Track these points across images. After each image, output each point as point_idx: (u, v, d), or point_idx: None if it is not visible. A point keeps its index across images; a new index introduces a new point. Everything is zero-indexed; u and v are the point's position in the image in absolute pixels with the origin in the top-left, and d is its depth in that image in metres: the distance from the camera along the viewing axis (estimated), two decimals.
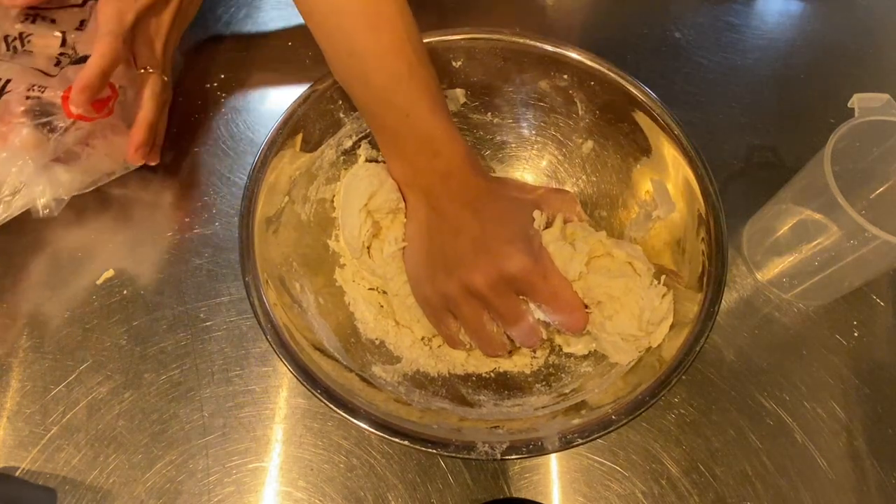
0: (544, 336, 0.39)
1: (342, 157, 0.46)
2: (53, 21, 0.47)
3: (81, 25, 0.47)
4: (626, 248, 0.39)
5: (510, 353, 0.42)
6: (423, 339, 0.43)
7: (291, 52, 0.59)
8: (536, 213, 0.39)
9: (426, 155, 0.39)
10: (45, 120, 0.43)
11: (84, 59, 0.44)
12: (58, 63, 0.45)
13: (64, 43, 0.46)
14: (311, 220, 0.44)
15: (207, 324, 0.45)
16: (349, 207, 0.43)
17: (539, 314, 0.38)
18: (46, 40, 0.46)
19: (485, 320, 0.39)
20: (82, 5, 0.48)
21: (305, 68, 0.58)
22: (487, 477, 0.41)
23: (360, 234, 0.42)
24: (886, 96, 0.42)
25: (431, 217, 0.39)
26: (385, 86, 0.37)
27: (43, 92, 0.43)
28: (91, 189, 0.47)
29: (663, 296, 0.38)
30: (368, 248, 0.44)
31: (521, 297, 0.38)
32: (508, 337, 0.40)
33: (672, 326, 0.38)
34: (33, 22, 0.46)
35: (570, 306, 0.37)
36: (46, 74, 0.44)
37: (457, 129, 0.39)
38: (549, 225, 0.40)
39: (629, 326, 0.37)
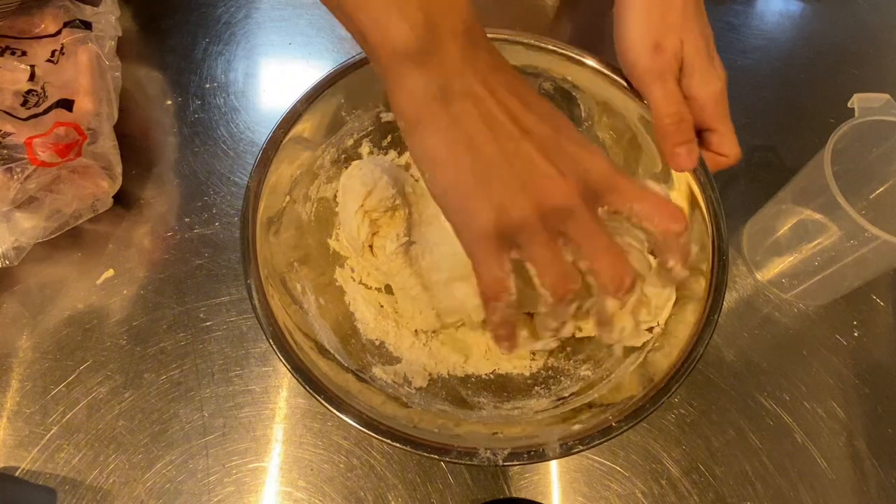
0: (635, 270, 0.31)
1: (343, 156, 0.46)
2: (24, 53, 0.46)
3: (52, 56, 0.46)
4: (629, 233, 0.38)
5: (577, 306, 0.33)
6: (419, 333, 0.43)
7: (291, 52, 0.59)
8: None
9: (438, 3, 0.28)
10: (8, 165, 0.41)
11: (53, 107, 0.44)
12: (24, 102, 0.44)
13: (32, 77, 0.45)
14: (312, 219, 0.44)
15: (207, 324, 0.45)
16: (346, 209, 0.43)
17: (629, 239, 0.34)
18: (14, 74, 0.45)
19: (560, 246, 0.30)
20: (56, 34, 0.47)
21: (305, 68, 0.58)
22: (487, 477, 0.41)
23: (360, 235, 0.42)
24: (886, 96, 0.42)
25: (466, 111, 0.28)
26: None
27: (6, 137, 0.42)
28: (56, 234, 0.45)
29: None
30: (370, 247, 0.44)
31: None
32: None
33: (673, 333, 0.38)
34: (1, 55, 0.45)
35: (661, 200, 0.31)
36: (13, 116, 0.43)
37: None
38: None
39: (640, 313, 0.37)
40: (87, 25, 0.48)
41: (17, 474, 0.40)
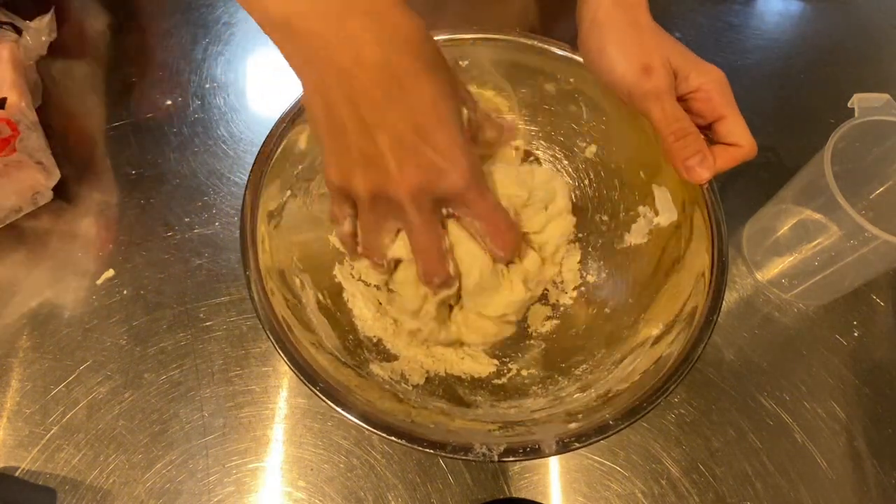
0: (451, 272, 0.36)
1: None
2: None
3: None
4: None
5: (387, 268, 0.39)
6: (415, 332, 0.43)
7: None
8: (463, 110, 0.35)
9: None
10: None
11: None
12: None
13: None
14: (312, 215, 0.44)
15: (207, 324, 0.45)
16: None
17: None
18: None
19: (380, 227, 0.35)
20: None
21: None
22: (487, 477, 0.41)
23: None
24: (886, 96, 0.42)
25: (344, 86, 0.30)
26: None
27: None
28: None
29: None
30: None
31: (445, 214, 0.36)
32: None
33: (673, 332, 0.38)
34: None
35: (502, 226, 0.36)
36: None
37: None
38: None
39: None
40: (17, 31, 0.49)
41: (17, 474, 0.40)
